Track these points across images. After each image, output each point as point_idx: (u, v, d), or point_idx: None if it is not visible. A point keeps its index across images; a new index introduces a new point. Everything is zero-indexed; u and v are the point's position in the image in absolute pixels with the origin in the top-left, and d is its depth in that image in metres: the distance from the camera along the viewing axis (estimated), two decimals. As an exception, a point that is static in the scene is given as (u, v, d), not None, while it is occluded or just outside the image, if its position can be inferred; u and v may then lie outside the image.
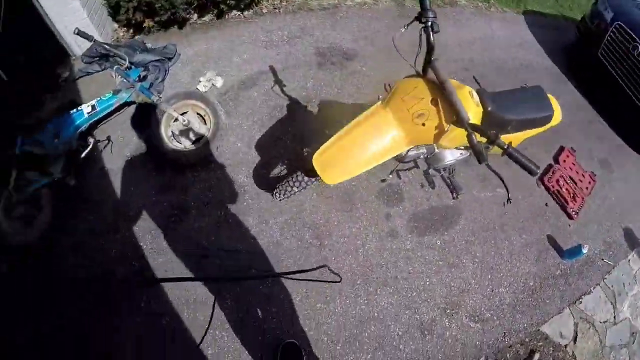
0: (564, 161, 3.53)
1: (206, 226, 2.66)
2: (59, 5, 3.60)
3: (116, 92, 3.06)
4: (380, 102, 1.90)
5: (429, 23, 1.70)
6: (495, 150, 1.66)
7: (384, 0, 4.44)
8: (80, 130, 3.02)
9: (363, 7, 4.18)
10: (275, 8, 4.00)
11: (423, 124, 1.73)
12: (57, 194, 2.84)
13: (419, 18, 1.71)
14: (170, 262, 2.50)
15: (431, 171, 2.68)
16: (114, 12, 4.00)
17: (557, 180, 3.33)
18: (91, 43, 3.82)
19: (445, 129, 1.70)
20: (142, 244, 2.59)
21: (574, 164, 3.55)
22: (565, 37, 5.13)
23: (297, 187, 2.35)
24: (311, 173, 2.16)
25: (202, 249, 2.56)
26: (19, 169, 2.89)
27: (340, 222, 2.74)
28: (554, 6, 6.09)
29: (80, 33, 2.85)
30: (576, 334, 2.71)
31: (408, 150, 2.01)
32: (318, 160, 1.88)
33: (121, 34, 4.16)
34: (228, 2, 3.72)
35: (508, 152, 1.45)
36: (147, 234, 2.62)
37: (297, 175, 2.32)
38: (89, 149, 3.07)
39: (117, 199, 2.86)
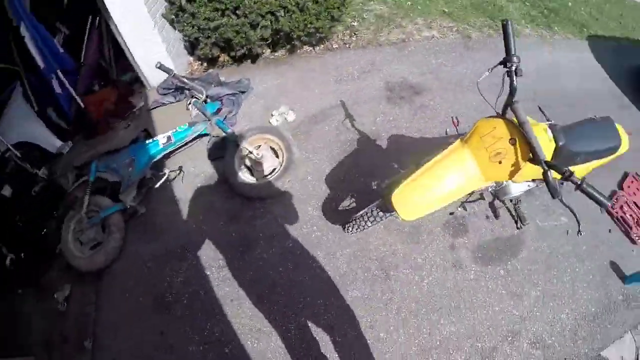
0: (628, 187, 3.53)
1: (273, 257, 2.83)
2: (140, 38, 3.76)
3: (192, 124, 3.20)
4: (458, 140, 1.96)
5: (514, 68, 1.78)
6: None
7: (450, 35, 4.54)
8: (154, 160, 3.15)
9: (430, 40, 4.31)
10: (345, 43, 4.27)
11: (500, 162, 1.78)
12: (128, 221, 3.02)
13: (503, 62, 1.80)
14: (236, 292, 2.69)
15: (496, 202, 2.69)
16: (192, 47, 4.28)
17: (621, 207, 3.35)
18: (169, 76, 4.04)
19: (521, 167, 1.76)
20: (208, 272, 2.79)
21: (638, 189, 3.54)
22: (631, 59, 5.03)
23: (371, 222, 2.45)
24: (386, 208, 2.27)
25: (268, 279, 2.74)
26: (91, 194, 3.01)
27: (406, 254, 2.85)
28: (617, 28, 5.96)
29: (161, 67, 3.02)
30: (638, 357, 2.68)
31: None
32: (397, 198, 1.96)
33: (195, 66, 4.46)
34: (301, 37, 3.93)
35: (581, 187, 1.48)
36: (215, 263, 2.83)
37: (372, 210, 2.41)
38: (163, 179, 3.21)
39: (185, 228, 3.04)
